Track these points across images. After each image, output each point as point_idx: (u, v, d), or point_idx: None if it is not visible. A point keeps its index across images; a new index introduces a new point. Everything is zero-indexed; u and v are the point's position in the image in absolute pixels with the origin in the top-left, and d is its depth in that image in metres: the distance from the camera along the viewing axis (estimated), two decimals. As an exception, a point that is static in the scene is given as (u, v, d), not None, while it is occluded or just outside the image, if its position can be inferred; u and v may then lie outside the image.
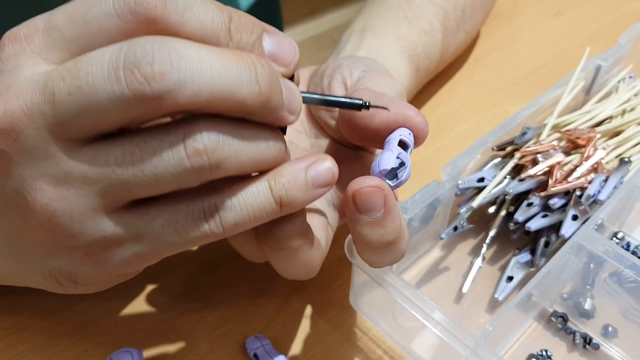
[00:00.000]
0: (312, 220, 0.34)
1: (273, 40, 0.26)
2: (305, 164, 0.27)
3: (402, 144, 0.29)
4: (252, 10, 0.65)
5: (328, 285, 0.42)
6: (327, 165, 0.27)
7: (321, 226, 0.34)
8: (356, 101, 0.29)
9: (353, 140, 0.35)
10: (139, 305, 0.40)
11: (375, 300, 0.40)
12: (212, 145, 0.24)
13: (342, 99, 0.29)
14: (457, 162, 0.42)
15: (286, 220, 0.28)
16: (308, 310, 0.41)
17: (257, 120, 0.25)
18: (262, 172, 0.27)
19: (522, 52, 0.66)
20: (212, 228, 0.26)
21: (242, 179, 0.26)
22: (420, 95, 0.58)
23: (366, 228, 0.28)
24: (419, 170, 0.51)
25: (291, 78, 0.28)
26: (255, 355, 0.37)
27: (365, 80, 0.36)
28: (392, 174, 0.29)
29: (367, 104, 0.29)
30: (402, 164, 0.28)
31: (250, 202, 0.26)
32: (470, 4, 0.56)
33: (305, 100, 0.28)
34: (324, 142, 0.38)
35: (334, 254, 0.44)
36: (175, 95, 0.22)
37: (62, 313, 0.39)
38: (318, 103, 0.29)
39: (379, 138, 0.31)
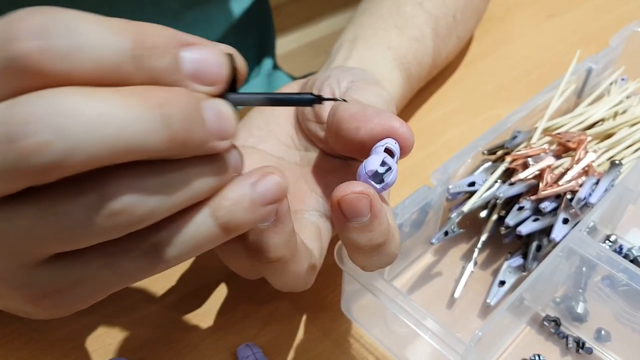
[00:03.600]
0: (304, 231, 0.33)
1: (194, 56, 0.23)
2: (250, 181, 0.25)
3: (388, 152, 0.29)
4: (244, 17, 0.65)
5: (319, 292, 0.42)
6: (275, 180, 0.25)
7: (313, 237, 0.34)
8: (305, 97, 0.27)
9: (341, 151, 0.35)
10: (129, 314, 0.40)
11: (367, 306, 0.40)
12: (131, 203, 0.21)
13: (290, 96, 0.27)
14: (447, 166, 0.42)
15: (273, 232, 0.28)
16: (299, 317, 0.41)
17: (181, 157, 0.23)
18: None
19: (515, 55, 0.66)
20: (154, 264, 0.24)
21: (181, 210, 0.24)
22: (412, 100, 0.58)
23: (354, 233, 0.28)
24: (411, 174, 0.51)
25: (233, 86, 0.25)
26: (245, 363, 0.37)
27: (352, 90, 0.36)
28: (379, 177, 0.29)
29: (319, 97, 0.27)
30: (388, 168, 0.28)
31: (192, 233, 0.24)
32: (462, 9, 0.56)
33: (249, 102, 0.26)
34: (314, 155, 0.38)
35: (324, 260, 0.44)
36: (64, 163, 0.19)
37: (52, 322, 0.39)
38: (264, 104, 0.27)
39: (365, 149, 0.31)
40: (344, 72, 0.39)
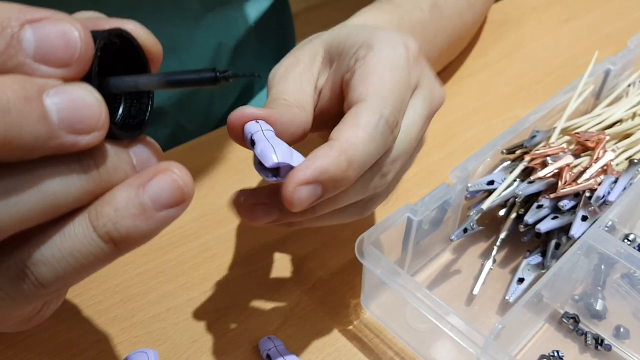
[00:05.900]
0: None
1: (37, 35, 0.19)
2: (139, 181, 0.21)
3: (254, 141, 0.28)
4: (264, 20, 0.67)
5: (339, 288, 0.43)
6: (170, 178, 0.21)
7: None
8: (206, 75, 0.22)
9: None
10: (154, 307, 0.41)
11: (387, 301, 0.41)
12: None
13: (190, 76, 0.22)
14: (467, 165, 0.43)
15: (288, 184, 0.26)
16: (320, 312, 0.41)
17: (26, 158, 0.19)
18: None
19: (532, 58, 0.67)
20: (30, 288, 0.21)
21: (55, 220, 0.20)
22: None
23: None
24: (430, 173, 0.51)
25: (144, 67, 0.23)
26: (267, 355, 0.38)
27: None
28: (268, 170, 0.28)
29: (224, 74, 0.22)
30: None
31: (67, 248, 0.20)
32: None
33: (141, 86, 0.22)
34: None
35: (345, 256, 0.45)
36: None
37: (79, 314, 0.40)
38: (159, 86, 0.23)
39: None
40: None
